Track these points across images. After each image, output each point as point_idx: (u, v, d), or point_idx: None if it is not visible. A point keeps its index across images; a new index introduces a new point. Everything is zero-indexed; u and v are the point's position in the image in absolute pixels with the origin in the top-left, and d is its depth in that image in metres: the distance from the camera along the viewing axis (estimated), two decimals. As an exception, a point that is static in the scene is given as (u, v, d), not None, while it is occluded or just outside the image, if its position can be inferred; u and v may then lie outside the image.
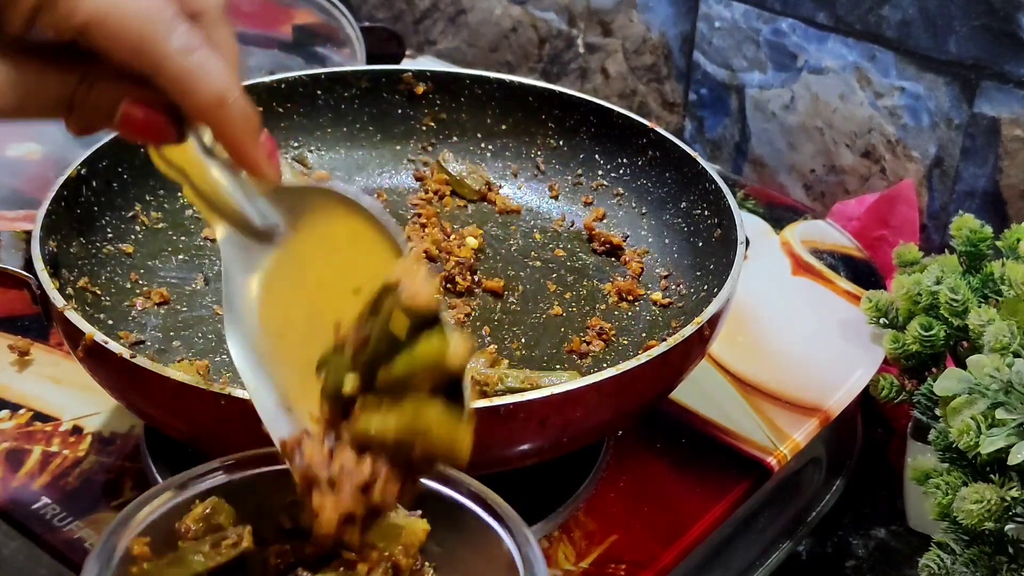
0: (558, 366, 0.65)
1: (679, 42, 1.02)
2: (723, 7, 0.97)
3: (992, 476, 0.57)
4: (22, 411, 0.69)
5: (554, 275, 0.73)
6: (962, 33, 0.83)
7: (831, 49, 0.92)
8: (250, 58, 0.97)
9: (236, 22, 1.06)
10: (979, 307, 0.65)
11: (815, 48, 0.93)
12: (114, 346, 0.53)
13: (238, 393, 0.50)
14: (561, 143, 0.80)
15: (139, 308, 0.67)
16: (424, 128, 0.82)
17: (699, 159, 0.72)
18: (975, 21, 0.82)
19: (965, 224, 0.70)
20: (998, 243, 0.70)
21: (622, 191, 0.78)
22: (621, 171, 0.78)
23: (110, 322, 0.65)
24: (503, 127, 0.81)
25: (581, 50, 1.10)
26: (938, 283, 0.67)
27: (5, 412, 0.69)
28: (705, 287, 0.68)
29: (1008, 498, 0.55)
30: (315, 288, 0.48)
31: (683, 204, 0.74)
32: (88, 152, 0.68)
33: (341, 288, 0.46)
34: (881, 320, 0.72)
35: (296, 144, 0.80)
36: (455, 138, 0.82)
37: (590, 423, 0.55)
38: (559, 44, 1.12)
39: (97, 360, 0.55)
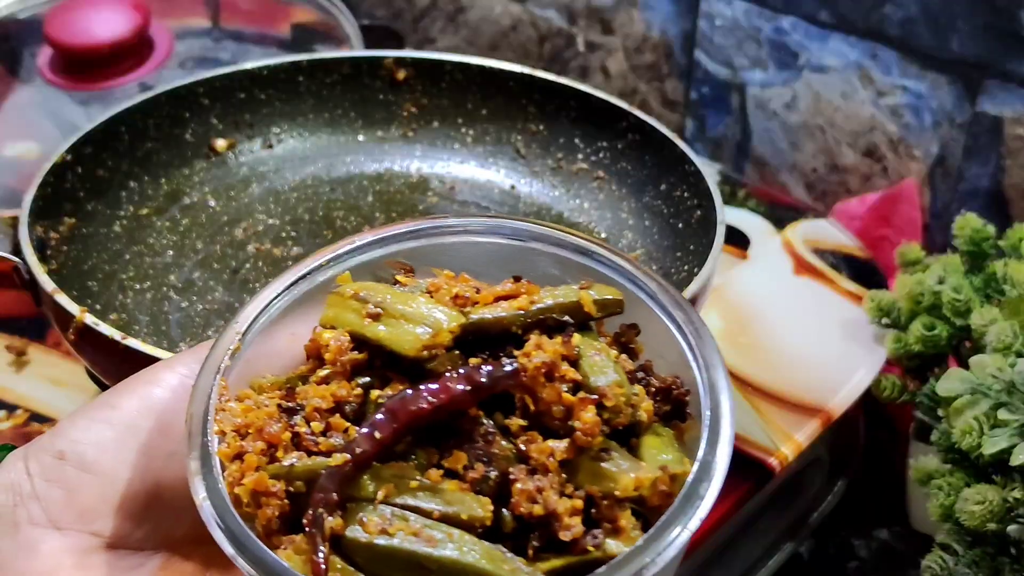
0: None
1: (680, 40, 1.02)
2: (724, 5, 0.97)
3: (995, 477, 0.56)
4: (19, 411, 0.69)
5: None
6: (965, 32, 0.83)
7: (833, 47, 0.91)
8: (248, 57, 0.97)
9: (234, 21, 1.06)
10: (982, 307, 0.64)
11: (817, 46, 0.92)
12: (105, 328, 0.53)
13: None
14: (542, 127, 0.80)
15: (127, 295, 0.67)
16: (405, 114, 0.82)
17: (678, 142, 0.72)
18: (978, 19, 0.82)
19: (968, 223, 0.70)
20: (1001, 242, 0.70)
21: (602, 174, 0.78)
22: (601, 155, 0.78)
23: (98, 307, 0.65)
24: (484, 112, 0.81)
25: (581, 48, 1.10)
26: (941, 283, 0.67)
27: (3, 412, 0.68)
28: (685, 267, 0.69)
29: (1011, 499, 0.55)
30: None
31: (663, 186, 0.74)
32: (73, 139, 0.68)
33: None
34: (883, 320, 0.72)
35: (278, 130, 0.80)
36: (436, 123, 0.82)
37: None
38: (559, 42, 1.11)
39: (89, 342, 0.54)
